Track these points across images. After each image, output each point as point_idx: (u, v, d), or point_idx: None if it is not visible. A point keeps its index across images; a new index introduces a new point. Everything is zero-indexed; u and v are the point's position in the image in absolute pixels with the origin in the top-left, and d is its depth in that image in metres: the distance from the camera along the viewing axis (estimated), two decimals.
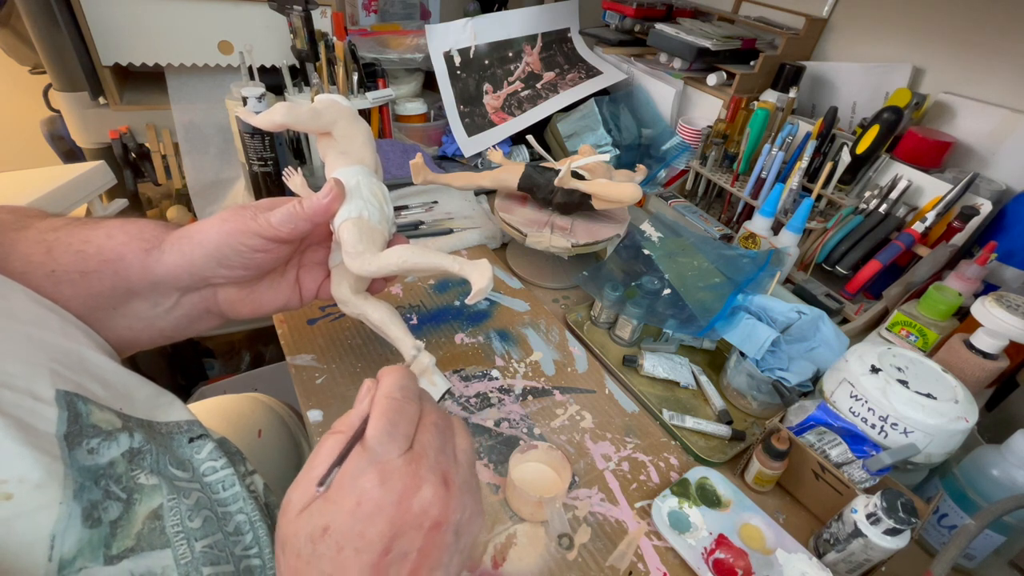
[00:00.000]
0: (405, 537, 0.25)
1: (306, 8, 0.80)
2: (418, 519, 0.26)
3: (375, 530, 0.25)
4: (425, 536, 0.26)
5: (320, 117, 0.43)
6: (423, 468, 0.27)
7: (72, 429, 0.26)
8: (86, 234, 0.35)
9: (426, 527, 0.26)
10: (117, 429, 0.29)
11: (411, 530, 0.25)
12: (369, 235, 0.42)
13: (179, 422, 0.34)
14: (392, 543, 0.25)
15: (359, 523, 0.25)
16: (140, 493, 0.28)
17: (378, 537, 0.25)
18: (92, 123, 0.92)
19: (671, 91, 0.93)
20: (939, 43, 0.74)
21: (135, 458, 0.29)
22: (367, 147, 0.46)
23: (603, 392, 0.58)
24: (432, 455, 0.27)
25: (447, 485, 0.27)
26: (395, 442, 0.27)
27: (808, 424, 0.49)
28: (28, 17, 0.82)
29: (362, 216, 0.42)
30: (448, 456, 0.29)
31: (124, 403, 0.31)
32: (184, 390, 1.27)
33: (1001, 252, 0.60)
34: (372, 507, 0.25)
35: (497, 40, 1.02)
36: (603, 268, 0.69)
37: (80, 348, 0.31)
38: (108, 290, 0.35)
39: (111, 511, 0.26)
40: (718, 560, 0.43)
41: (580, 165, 0.69)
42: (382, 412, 0.27)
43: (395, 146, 0.92)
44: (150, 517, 0.27)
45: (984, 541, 0.45)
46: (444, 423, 0.30)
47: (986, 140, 0.69)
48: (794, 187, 0.74)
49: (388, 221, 0.46)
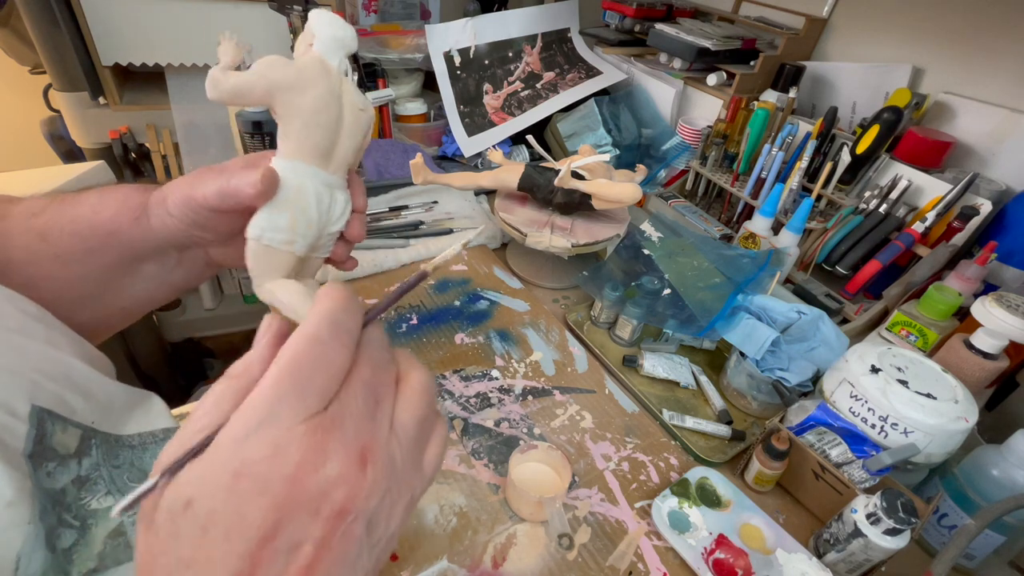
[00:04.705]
0: (295, 523, 0.19)
1: (306, 8, 0.80)
2: (315, 502, 0.20)
3: (256, 511, 0.19)
4: (324, 525, 0.20)
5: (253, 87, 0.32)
6: (333, 438, 0.20)
7: (36, 449, 0.25)
8: (71, 214, 0.35)
9: (325, 514, 0.20)
10: (69, 455, 0.28)
11: (304, 515, 0.20)
12: (267, 260, 0.34)
13: (154, 432, 0.33)
14: (277, 530, 0.19)
15: (235, 499, 0.19)
16: (95, 518, 0.27)
17: (259, 520, 0.19)
18: (92, 123, 0.92)
19: (671, 91, 0.93)
20: (939, 43, 0.74)
21: (84, 486, 0.28)
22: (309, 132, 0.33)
23: (603, 392, 0.58)
24: (351, 423, 0.21)
25: (363, 462, 0.21)
26: (302, 400, 0.20)
27: (808, 424, 0.49)
28: (28, 17, 0.82)
29: (261, 240, 0.33)
30: (378, 425, 0.22)
31: (98, 415, 0.30)
32: (184, 390, 1.27)
33: (1001, 252, 0.60)
34: (255, 482, 0.19)
35: (497, 40, 1.02)
36: (603, 268, 0.69)
37: (65, 356, 0.30)
38: (115, 261, 0.36)
39: (65, 538, 0.25)
40: (718, 560, 0.43)
41: (580, 165, 0.69)
42: (293, 356, 0.20)
43: (395, 146, 0.92)
44: (111, 535, 0.27)
45: (984, 541, 0.45)
46: (380, 380, 0.23)
47: (986, 140, 0.69)
48: (794, 187, 0.74)
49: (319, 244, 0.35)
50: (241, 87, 0.32)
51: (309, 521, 0.20)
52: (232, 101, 0.33)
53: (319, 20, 0.34)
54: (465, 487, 0.47)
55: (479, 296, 0.69)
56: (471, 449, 0.50)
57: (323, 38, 0.34)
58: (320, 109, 0.33)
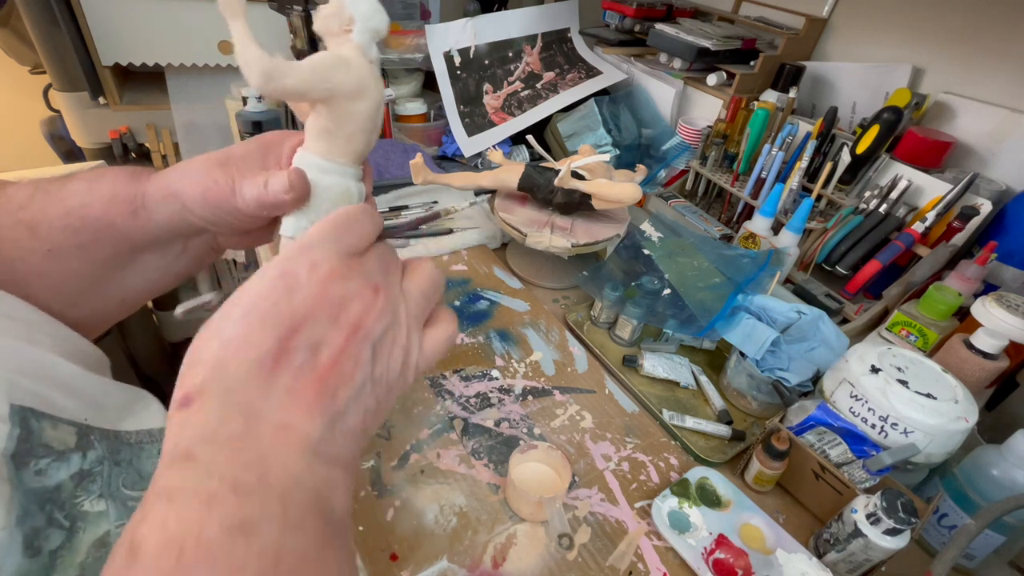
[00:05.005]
0: (318, 323, 0.23)
1: (306, 8, 0.80)
2: (336, 309, 0.24)
3: (288, 304, 0.23)
4: (341, 334, 0.24)
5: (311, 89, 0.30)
6: (355, 272, 0.25)
7: (21, 448, 0.25)
8: (61, 206, 0.33)
9: (343, 323, 0.24)
10: (70, 449, 0.27)
11: (326, 318, 0.23)
12: None
13: (151, 430, 0.33)
14: (304, 323, 0.23)
15: (274, 293, 0.23)
16: (84, 521, 0.26)
17: (289, 312, 0.23)
18: (92, 123, 0.92)
19: (671, 91, 0.93)
20: (939, 43, 0.74)
21: (83, 481, 0.27)
22: (362, 136, 0.33)
23: (603, 392, 0.58)
24: (371, 268, 0.26)
25: (376, 291, 0.25)
26: (337, 242, 0.25)
27: (808, 424, 0.49)
28: (28, 17, 0.82)
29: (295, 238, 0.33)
30: (389, 280, 0.27)
31: (91, 412, 0.30)
32: None
33: (1001, 252, 0.60)
34: (292, 281, 0.23)
35: (497, 40, 1.02)
36: (603, 268, 0.69)
37: (46, 354, 0.29)
38: (111, 254, 0.34)
39: (52, 539, 0.25)
40: (718, 560, 0.43)
41: (580, 165, 0.69)
42: (336, 215, 0.26)
43: (395, 146, 0.92)
44: (95, 545, 0.26)
45: (984, 541, 0.45)
46: (390, 259, 0.28)
47: (986, 140, 0.69)
48: (794, 187, 0.74)
49: None
50: (299, 88, 0.30)
51: (329, 325, 0.23)
52: (281, 98, 0.32)
53: (363, 6, 0.32)
54: (465, 487, 0.47)
55: (479, 296, 0.69)
56: (471, 449, 0.50)
57: (364, 29, 0.32)
58: (372, 115, 0.33)
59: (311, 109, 0.33)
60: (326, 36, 0.33)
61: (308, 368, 0.23)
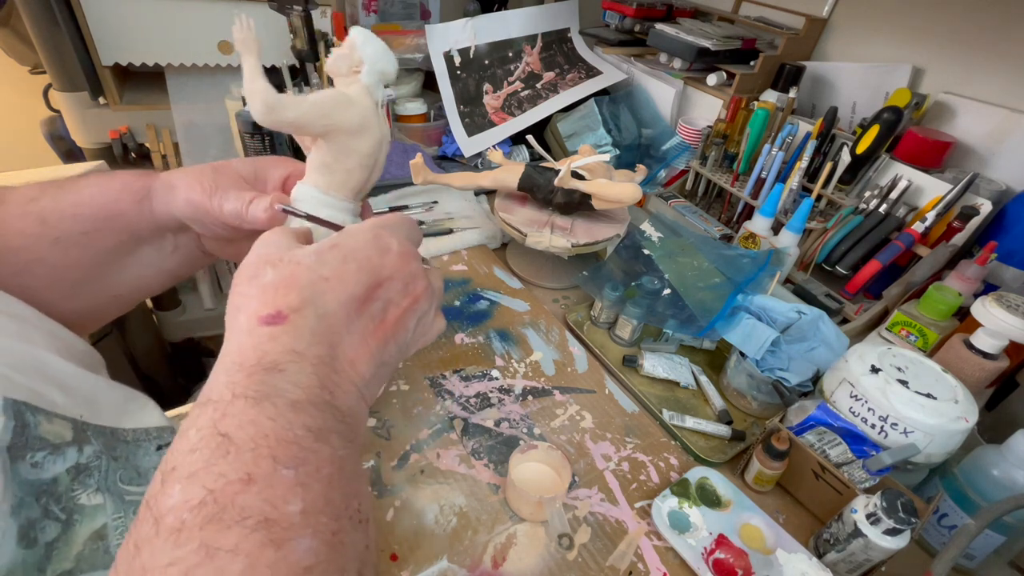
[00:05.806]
0: (396, 285, 0.28)
1: (306, 8, 0.80)
2: (407, 279, 0.29)
3: (379, 261, 0.28)
4: (406, 300, 0.29)
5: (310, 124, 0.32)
6: (417, 257, 0.30)
7: (17, 441, 0.25)
8: (73, 198, 0.35)
9: (410, 291, 0.29)
10: (66, 443, 0.27)
11: (400, 283, 0.29)
12: None
13: (148, 429, 0.33)
14: (387, 281, 0.28)
15: (370, 249, 0.28)
16: (81, 514, 0.27)
17: (379, 267, 0.28)
18: (92, 123, 0.92)
19: (671, 91, 0.93)
20: (939, 43, 0.74)
21: (80, 475, 0.27)
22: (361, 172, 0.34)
23: (603, 392, 0.58)
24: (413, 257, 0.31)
25: (427, 276, 0.31)
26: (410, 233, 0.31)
27: (808, 424, 0.49)
28: (28, 17, 0.82)
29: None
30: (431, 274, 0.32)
31: (86, 409, 0.30)
32: (184, 390, 1.27)
33: (1001, 252, 0.60)
34: (385, 246, 0.28)
35: (497, 40, 1.02)
36: (603, 268, 0.69)
37: (39, 352, 0.30)
38: (114, 244, 0.36)
39: (48, 531, 0.25)
40: (718, 560, 0.43)
41: (580, 165, 0.69)
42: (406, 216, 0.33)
43: (395, 146, 0.92)
44: (92, 538, 0.26)
45: (984, 541, 0.45)
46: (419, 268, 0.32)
47: (986, 140, 0.69)
48: (794, 187, 0.74)
49: None
50: (301, 121, 0.32)
51: (402, 290, 0.29)
52: (281, 129, 0.33)
53: (371, 50, 0.34)
54: (465, 487, 0.47)
55: (479, 296, 0.69)
56: (471, 449, 0.50)
57: (373, 71, 0.34)
58: (372, 152, 0.35)
59: (313, 143, 0.35)
60: (335, 76, 0.34)
61: (379, 319, 0.28)
